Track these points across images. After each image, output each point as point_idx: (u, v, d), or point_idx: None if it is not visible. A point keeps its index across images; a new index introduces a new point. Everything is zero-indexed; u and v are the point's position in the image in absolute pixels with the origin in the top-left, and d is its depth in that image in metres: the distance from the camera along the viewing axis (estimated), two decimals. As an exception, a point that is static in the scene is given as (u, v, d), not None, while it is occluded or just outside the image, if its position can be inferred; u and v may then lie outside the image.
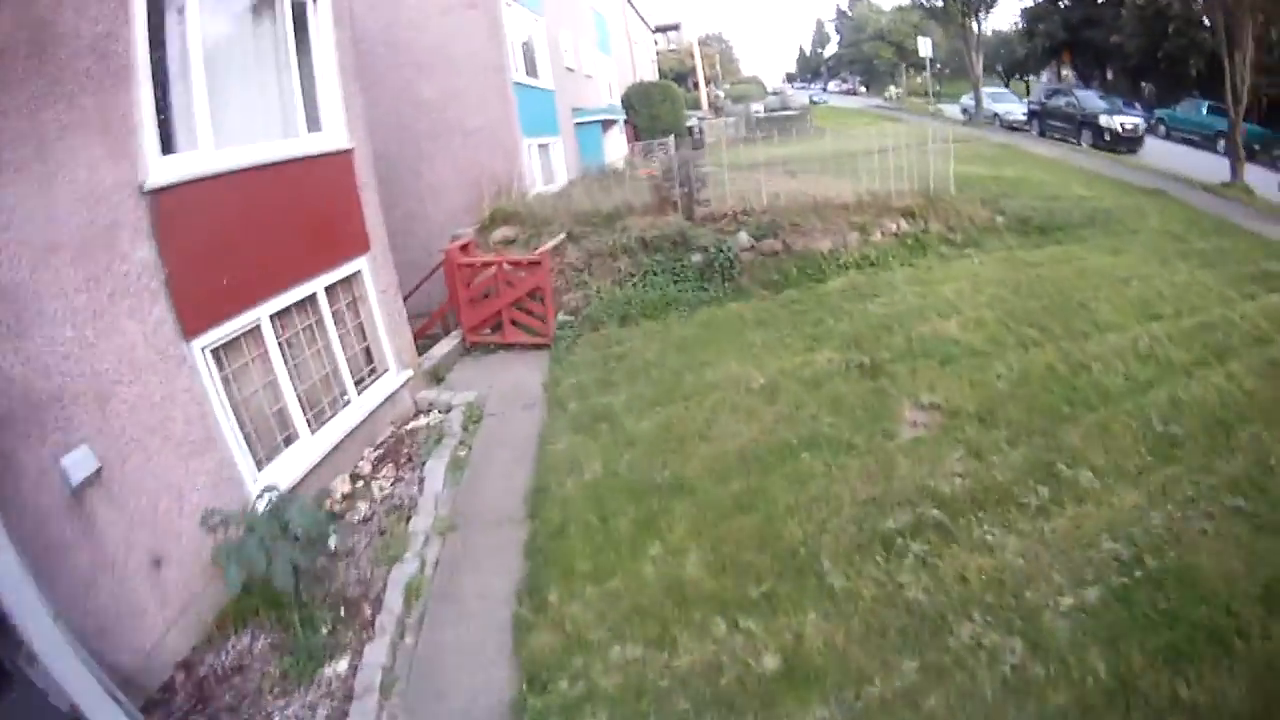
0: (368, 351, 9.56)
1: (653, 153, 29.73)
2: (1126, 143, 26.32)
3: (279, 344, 7.58)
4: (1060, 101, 29.28)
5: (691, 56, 57.32)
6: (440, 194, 17.91)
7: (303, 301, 8.11)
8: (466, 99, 18.05)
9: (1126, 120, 26.75)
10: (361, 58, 10.11)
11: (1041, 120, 30.36)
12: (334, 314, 8.66)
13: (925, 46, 43.77)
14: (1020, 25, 48.83)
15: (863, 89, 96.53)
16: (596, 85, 28.20)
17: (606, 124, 27.05)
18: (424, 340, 12.57)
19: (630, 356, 11.06)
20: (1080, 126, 27.59)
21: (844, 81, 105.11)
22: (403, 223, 16.09)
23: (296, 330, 8.02)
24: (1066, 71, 56.35)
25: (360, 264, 9.28)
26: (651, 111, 35.05)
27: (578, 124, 23.79)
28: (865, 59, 72.19)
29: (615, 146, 28.04)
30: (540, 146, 20.23)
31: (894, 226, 14.16)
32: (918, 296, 11.68)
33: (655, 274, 13.53)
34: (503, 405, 10.20)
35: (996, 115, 34.98)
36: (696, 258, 13.55)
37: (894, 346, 10.08)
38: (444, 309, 13.52)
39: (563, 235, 14.52)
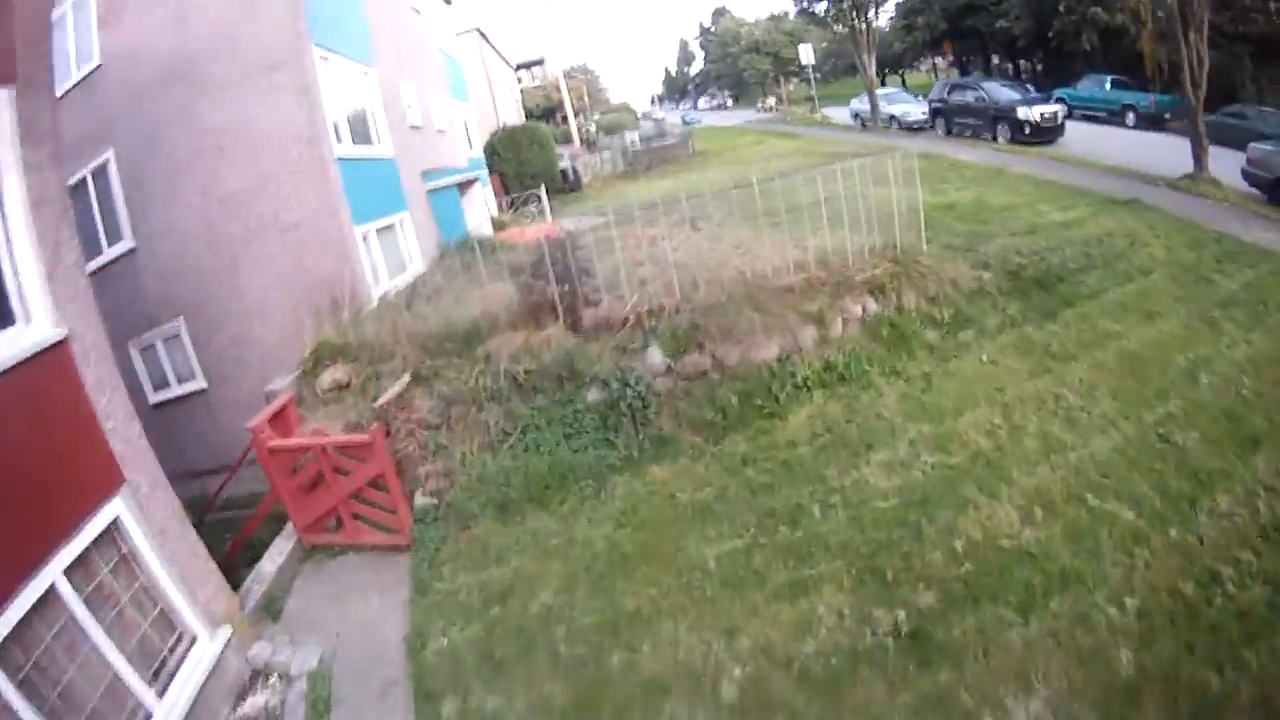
0: (164, 619, 6.71)
1: (524, 207, 25.73)
2: (1048, 133, 23.78)
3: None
4: (967, 97, 26.43)
5: (558, 90, 53.62)
6: (267, 312, 13.62)
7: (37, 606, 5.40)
8: (279, 186, 13.72)
9: (1045, 109, 24.04)
10: (156, 145, 6.10)
11: (947, 119, 27.51)
12: (92, 598, 5.99)
13: (806, 53, 41.09)
14: (896, 20, 46.73)
15: (731, 102, 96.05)
16: (453, 139, 23.95)
17: (466, 185, 22.75)
18: (256, 542, 9.44)
19: (520, 596, 7.22)
20: (995, 120, 24.76)
21: (713, 97, 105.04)
22: (230, 349, 13.60)
23: (37, 651, 5.36)
24: (940, 60, 55.20)
25: (116, 507, 6.42)
26: (519, 157, 31.08)
27: (431, 190, 19.48)
28: (735, 73, 69.93)
29: (480, 207, 23.77)
30: (381, 231, 15.93)
31: (858, 309, 10.38)
32: (932, 447, 7.90)
33: (539, 428, 9.55)
34: (355, 681, 6.93)
35: (893, 118, 32.16)
36: (594, 395, 9.64)
37: (935, 576, 6.26)
38: (268, 503, 9.42)
39: (407, 377, 10.36)
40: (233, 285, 13.58)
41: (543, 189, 24.52)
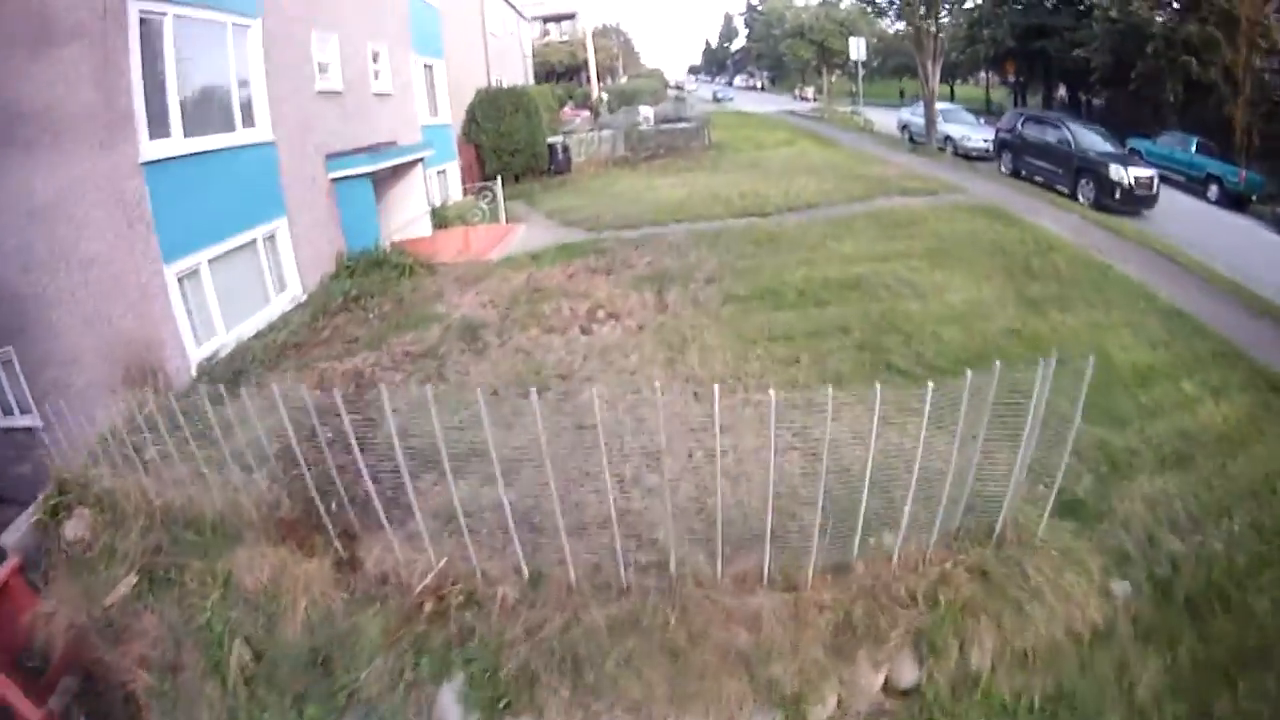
0: None
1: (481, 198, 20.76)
2: (1140, 202, 19.03)
3: None
4: (1046, 135, 21.37)
5: (585, 49, 48.32)
6: (83, 365, 10.03)
7: None
8: (75, 203, 9.57)
9: (1141, 173, 19.15)
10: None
11: (1016, 156, 22.48)
12: None
13: (858, 48, 35.76)
14: (959, 28, 41.33)
15: (767, 84, 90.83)
16: (400, 106, 18.98)
17: (405, 167, 17.75)
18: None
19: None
20: (1078, 173, 19.78)
21: (750, 76, 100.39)
22: (54, 394, 9.44)
23: None
24: (994, 76, 49.73)
25: None
26: (499, 128, 26.00)
27: (341, 180, 14.60)
28: (775, 55, 64.18)
29: (420, 196, 18.76)
30: (224, 258, 11.35)
31: (874, 680, 5.44)
32: None
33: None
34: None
35: (950, 140, 27.12)
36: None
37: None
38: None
39: (133, 578, 5.86)
40: (47, 320, 10.01)
41: (498, 182, 19.56)
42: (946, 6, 26.16)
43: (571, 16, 69.50)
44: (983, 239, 14.07)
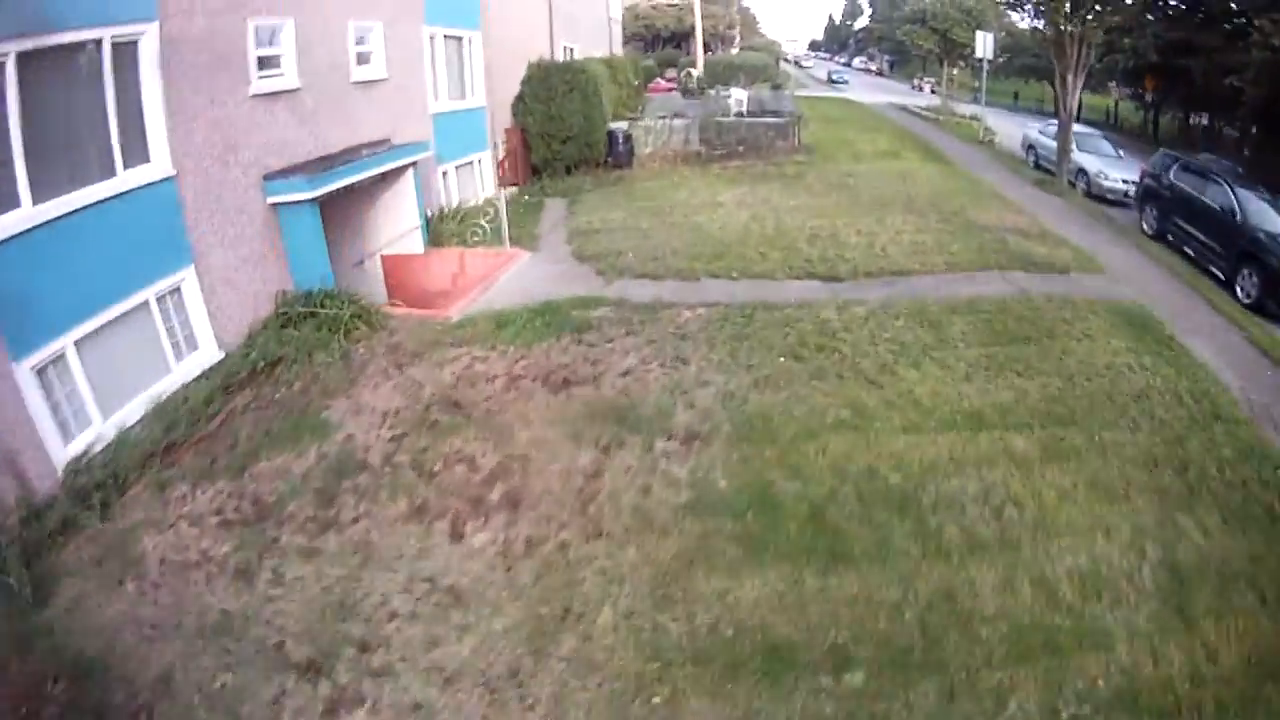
0: None
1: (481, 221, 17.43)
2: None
3: None
4: (1205, 194, 16.55)
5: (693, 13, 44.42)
6: None
7: None
8: None
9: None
10: None
11: (1162, 214, 17.90)
12: None
13: (984, 45, 31.00)
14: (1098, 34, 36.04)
15: (887, 68, 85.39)
16: (402, 95, 15.91)
17: (392, 173, 14.52)
18: None
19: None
20: (1240, 258, 14.86)
21: (870, 59, 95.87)
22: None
23: None
24: (1122, 90, 43.89)
25: None
26: (549, 111, 22.60)
27: (284, 205, 11.54)
28: (896, 38, 58.76)
29: (410, 206, 15.52)
30: (93, 338, 8.86)
31: None
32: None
33: None
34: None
35: (1082, 173, 22.57)
36: None
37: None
38: None
39: None
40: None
41: (501, 199, 16.03)
42: (1100, 8, 21.05)
43: (684, -22, 64.58)
44: (1123, 389, 9.80)
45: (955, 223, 16.35)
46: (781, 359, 10.43)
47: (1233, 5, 30.53)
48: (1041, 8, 22.88)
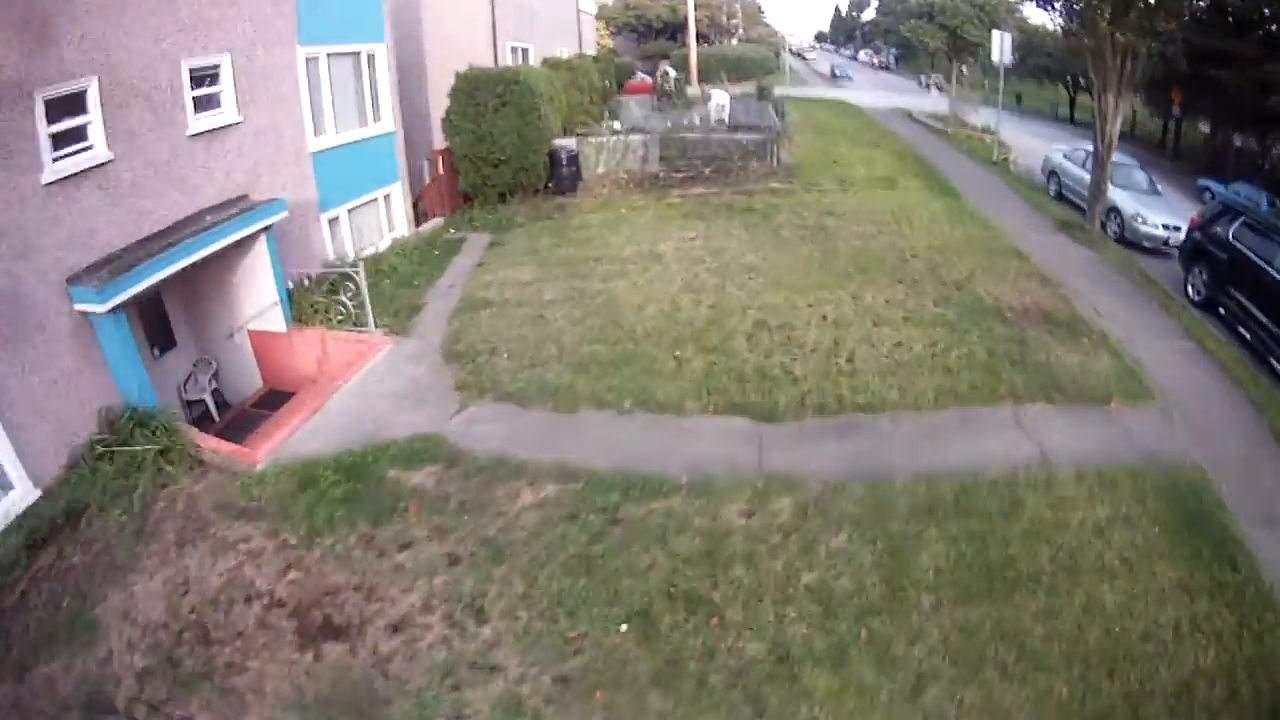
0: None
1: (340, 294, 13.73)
2: None
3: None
4: (1273, 258, 12.78)
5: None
6: None
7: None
8: None
9: None
10: None
11: (1215, 279, 14.16)
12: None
13: (1001, 46, 27.01)
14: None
15: (893, 62, 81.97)
16: (264, 138, 12.79)
17: (249, 238, 10.89)
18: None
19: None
20: None
21: (876, 52, 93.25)
22: None
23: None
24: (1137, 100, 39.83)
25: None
26: (479, 128, 18.86)
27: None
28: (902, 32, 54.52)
29: (266, 282, 11.98)
30: None
31: None
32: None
33: None
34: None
35: (1115, 212, 18.78)
36: None
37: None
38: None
39: None
40: None
41: (360, 274, 12.22)
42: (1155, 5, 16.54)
43: (682, -37, 60.13)
44: (1167, 684, 6.03)
45: (959, 302, 12.52)
46: (623, 628, 6.58)
47: (1266, 11, 27.05)
48: (1077, 5, 18.51)
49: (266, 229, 11.61)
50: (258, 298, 12.14)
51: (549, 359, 10.86)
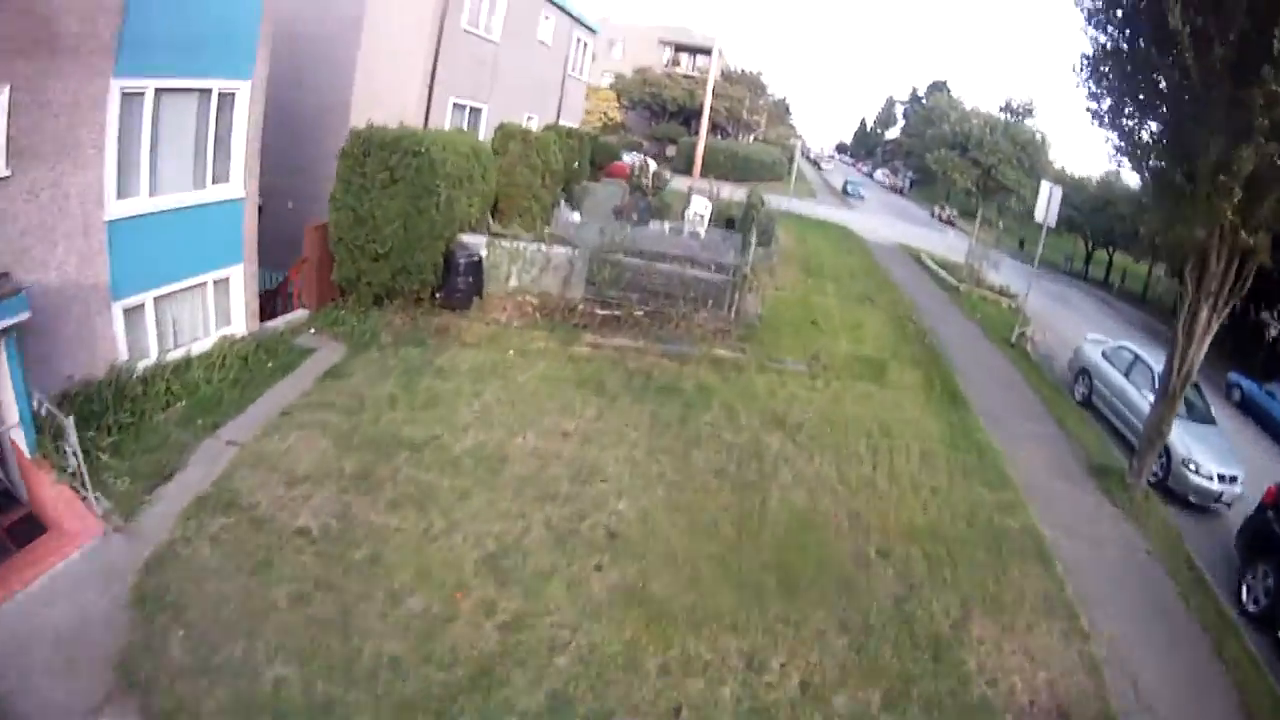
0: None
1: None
2: None
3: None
4: None
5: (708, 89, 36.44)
6: None
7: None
8: None
9: None
10: None
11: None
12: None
13: (1048, 202, 22.31)
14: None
15: (908, 185, 79.80)
16: (41, 197, 8.92)
17: None
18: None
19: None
20: None
21: (894, 172, 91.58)
22: None
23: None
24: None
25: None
26: (360, 210, 14.12)
27: None
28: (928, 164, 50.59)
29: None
30: None
31: None
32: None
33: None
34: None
35: (1165, 454, 13.84)
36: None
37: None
38: None
39: None
40: None
41: (71, 431, 7.37)
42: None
43: (707, 51, 56.34)
44: None
45: (932, 699, 7.40)
46: None
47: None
48: (1190, 187, 11.66)
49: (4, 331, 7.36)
50: None
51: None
